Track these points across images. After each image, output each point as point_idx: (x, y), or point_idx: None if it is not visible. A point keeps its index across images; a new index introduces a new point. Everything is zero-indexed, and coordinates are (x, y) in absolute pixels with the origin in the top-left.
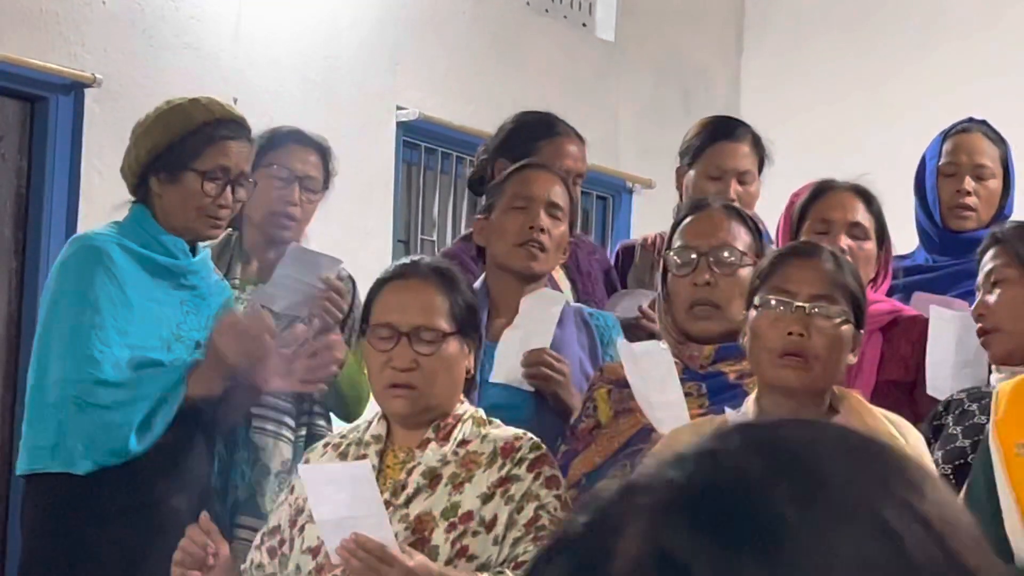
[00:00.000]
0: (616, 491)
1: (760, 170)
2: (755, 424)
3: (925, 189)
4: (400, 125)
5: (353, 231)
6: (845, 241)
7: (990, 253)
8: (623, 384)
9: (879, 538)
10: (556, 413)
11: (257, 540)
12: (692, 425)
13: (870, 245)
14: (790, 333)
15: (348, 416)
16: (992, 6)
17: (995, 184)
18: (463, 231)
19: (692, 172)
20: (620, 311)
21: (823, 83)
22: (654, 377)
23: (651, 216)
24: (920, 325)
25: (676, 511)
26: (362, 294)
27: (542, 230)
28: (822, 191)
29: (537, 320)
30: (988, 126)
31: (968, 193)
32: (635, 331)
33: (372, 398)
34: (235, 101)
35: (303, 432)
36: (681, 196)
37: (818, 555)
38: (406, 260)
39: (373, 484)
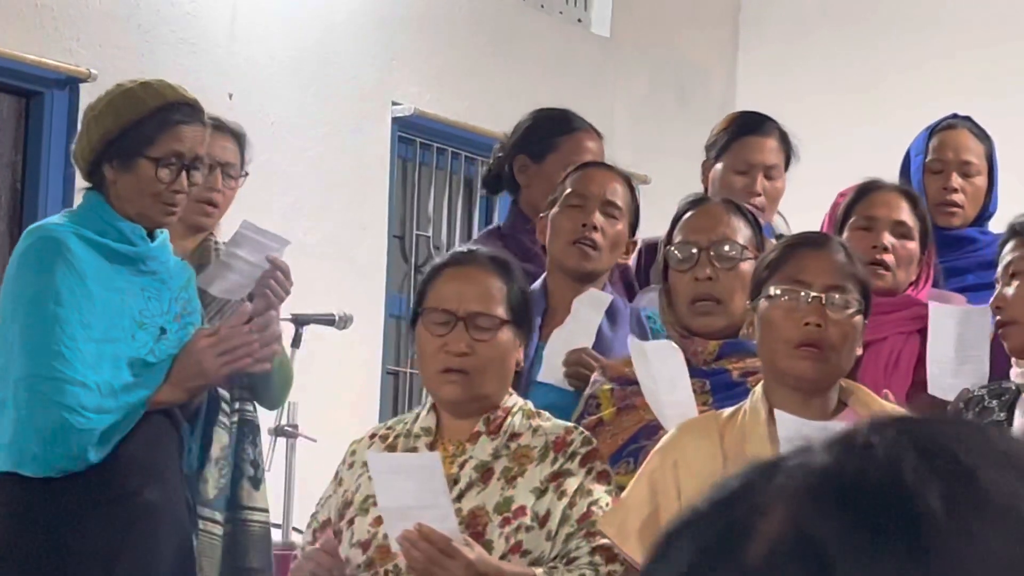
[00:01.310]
0: (760, 471)
1: (787, 166)
2: (913, 419)
3: (911, 185)
4: (395, 121)
5: (348, 226)
6: (888, 239)
7: (1009, 245)
8: (625, 382)
9: None
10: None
11: (309, 536)
12: (700, 419)
13: (913, 245)
14: (807, 323)
15: (273, 403)
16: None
17: (981, 181)
18: (459, 227)
19: (719, 166)
20: (646, 304)
21: (819, 79)
22: (664, 375)
23: (647, 212)
24: None
25: (824, 496)
26: (356, 289)
27: (595, 228)
28: (868, 190)
29: (582, 320)
30: (973, 122)
31: (955, 190)
32: None
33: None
34: (230, 96)
35: (235, 418)
36: (706, 190)
37: (965, 560)
38: (463, 248)
39: (441, 476)
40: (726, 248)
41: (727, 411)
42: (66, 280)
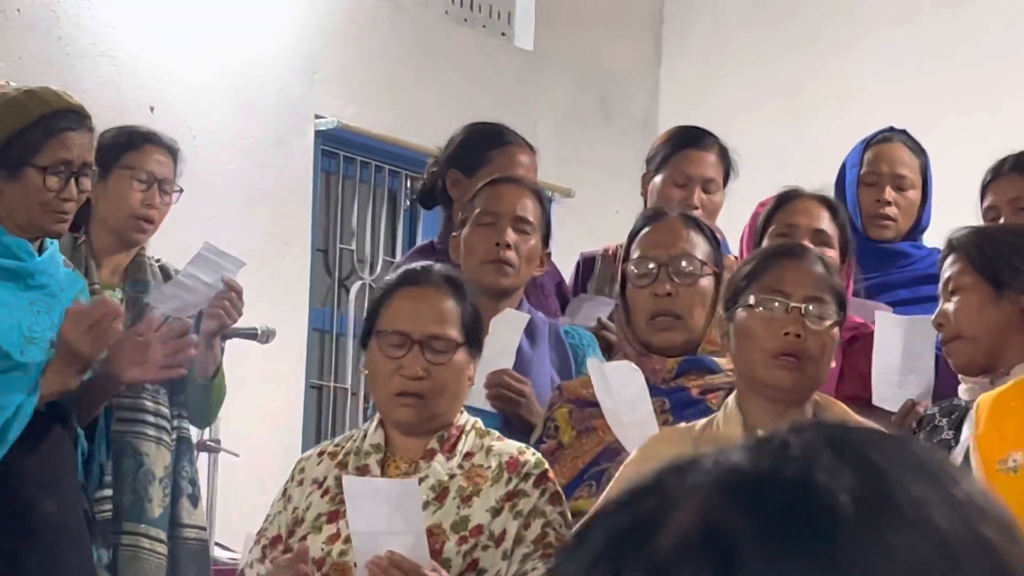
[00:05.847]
0: (677, 467)
1: (725, 181)
2: (831, 423)
3: (845, 197)
4: (319, 134)
5: (271, 240)
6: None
7: (947, 260)
8: (583, 403)
9: (932, 546)
10: (521, 433)
11: (258, 553)
12: (672, 431)
13: (833, 254)
14: (786, 334)
15: (204, 421)
16: (910, 10)
17: (914, 195)
18: (383, 241)
19: (657, 179)
20: (579, 320)
21: (742, 91)
22: (624, 397)
23: (571, 225)
24: None
25: (735, 490)
26: (279, 303)
27: (508, 246)
28: (788, 198)
29: (501, 340)
30: (908, 136)
31: (888, 203)
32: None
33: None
34: (152, 110)
35: (174, 436)
36: (646, 203)
37: (869, 554)
38: (416, 266)
39: (419, 503)
40: (684, 263)
41: (699, 423)
42: None
